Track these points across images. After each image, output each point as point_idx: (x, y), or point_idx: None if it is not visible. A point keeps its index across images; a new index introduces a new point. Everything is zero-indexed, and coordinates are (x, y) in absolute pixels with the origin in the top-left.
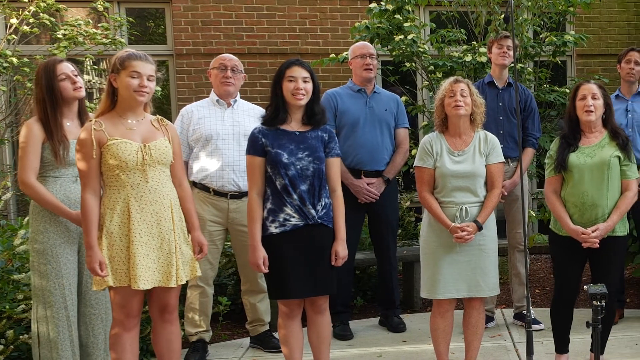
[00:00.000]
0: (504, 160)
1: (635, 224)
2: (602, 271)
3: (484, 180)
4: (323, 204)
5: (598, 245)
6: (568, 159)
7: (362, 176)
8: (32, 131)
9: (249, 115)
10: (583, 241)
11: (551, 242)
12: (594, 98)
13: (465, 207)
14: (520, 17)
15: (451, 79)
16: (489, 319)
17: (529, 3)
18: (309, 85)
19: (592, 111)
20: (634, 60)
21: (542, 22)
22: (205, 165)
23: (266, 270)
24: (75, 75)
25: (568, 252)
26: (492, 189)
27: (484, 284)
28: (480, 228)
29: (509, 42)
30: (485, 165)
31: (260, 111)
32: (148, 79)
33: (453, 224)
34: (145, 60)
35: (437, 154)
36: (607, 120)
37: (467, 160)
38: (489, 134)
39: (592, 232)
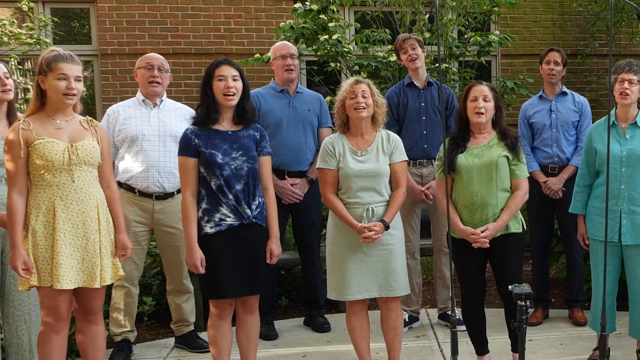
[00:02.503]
0: (407, 159)
1: (559, 225)
2: (501, 269)
3: (389, 180)
4: (257, 203)
5: (488, 245)
6: (456, 160)
7: (286, 177)
8: None
9: (175, 115)
10: (473, 241)
11: (450, 244)
12: (485, 100)
13: (371, 207)
14: (445, 17)
15: (352, 79)
16: (414, 319)
17: (454, 3)
18: (239, 84)
19: (482, 113)
20: (553, 61)
21: (467, 22)
22: (130, 166)
23: (204, 271)
24: (7, 78)
25: (466, 254)
26: (397, 188)
27: (394, 284)
28: (387, 227)
29: (412, 42)
30: (390, 164)
31: (187, 110)
32: (75, 80)
33: (360, 224)
34: (72, 61)
35: (340, 155)
36: (497, 121)
37: (370, 160)
38: (391, 133)
39: (482, 232)
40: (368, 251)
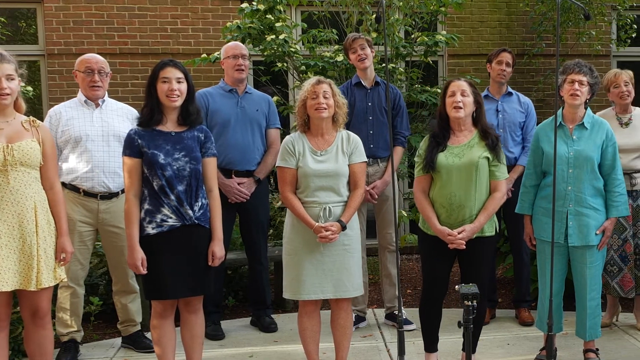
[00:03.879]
0: (366, 160)
1: (506, 225)
2: (471, 271)
3: (347, 180)
4: (200, 204)
5: (464, 247)
6: (437, 159)
7: (233, 176)
8: None
9: (118, 115)
10: (449, 242)
11: (420, 240)
12: (463, 95)
13: (329, 207)
14: (392, 17)
15: (313, 79)
16: (361, 319)
17: (401, 3)
18: (183, 86)
19: (460, 107)
20: (505, 62)
21: (414, 22)
22: (74, 166)
23: (145, 272)
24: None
25: (436, 252)
26: (355, 189)
27: (349, 284)
28: (344, 228)
29: (361, 42)
30: (349, 165)
31: (129, 110)
32: (7, 79)
33: (317, 223)
34: (2, 60)
35: (300, 154)
36: (477, 118)
37: (330, 160)
38: (352, 134)
39: (459, 233)
40: (324, 251)
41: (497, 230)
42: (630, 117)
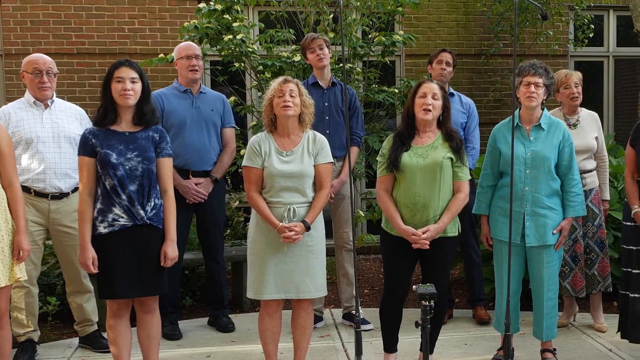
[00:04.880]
0: (332, 160)
1: (461, 225)
2: (432, 271)
3: (313, 181)
4: (153, 204)
5: (428, 247)
6: (401, 158)
7: (190, 176)
8: None
9: (67, 116)
10: (413, 242)
11: (382, 240)
12: (434, 98)
13: (293, 208)
14: (349, 17)
15: (280, 78)
16: (318, 319)
17: (358, 3)
18: (138, 86)
19: (430, 110)
20: (445, 61)
21: (371, 22)
22: (26, 167)
23: (95, 271)
24: None
25: (399, 252)
26: (320, 189)
27: (311, 285)
28: (308, 228)
29: (320, 42)
30: (314, 166)
31: (78, 110)
32: None
33: (281, 223)
34: None
35: (266, 154)
36: (443, 122)
37: (295, 160)
38: (318, 134)
39: (423, 233)
40: (288, 251)
41: (460, 231)
42: (577, 119)
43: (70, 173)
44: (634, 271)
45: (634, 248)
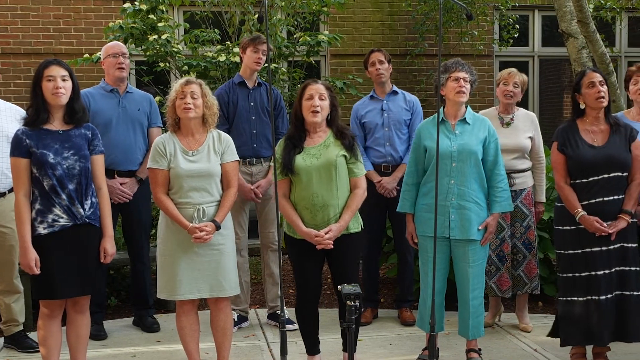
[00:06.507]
0: (238, 158)
1: (392, 225)
2: (341, 269)
3: (220, 179)
4: (90, 202)
5: (332, 246)
6: (294, 161)
7: (116, 176)
8: None
9: (6, 116)
10: (317, 243)
11: (288, 245)
12: (320, 98)
13: (203, 207)
14: (274, 17)
15: (182, 80)
16: (243, 319)
17: (283, 3)
18: (68, 84)
19: (318, 112)
20: (377, 61)
21: (296, 22)
22: None
23: (38, 272)
24: None
25: (305, 254)
26: (228, 188)
27: (225, 284)
28: (218, 227)
29: (265, 48)
30: (221, 164)
31: (17, 110)
32: None
33: (191, 224)
34: None
35: (171, 155)
36: (332, 120)
37: (202, 160)
38: (222, 133)
39: (326, 233)
40: (199, 251)
41: (362, 227)
42: (512, 118)
43: (7, 172)
44: (581, 274)
45: (579, 251)
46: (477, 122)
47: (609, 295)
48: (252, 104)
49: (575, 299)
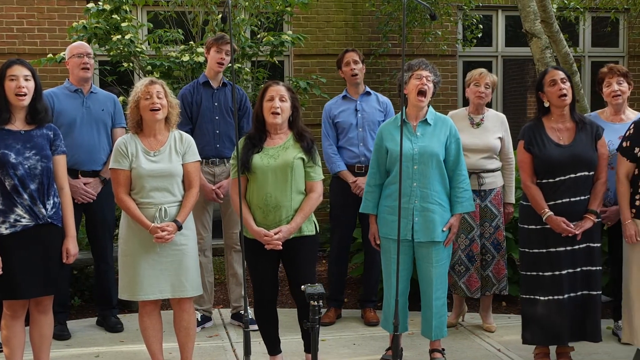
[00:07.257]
0: (199, 159)
1: (361, 225)
2: (294, 271)
3: (182, 180)
4: (52, 202)
5: (281, 247)
6: (251, 160)
7: (80, 176)
8: None
9: None
10: (266, 243)
11: (243, 244)
12: (281, 100)
13: (164, 207)
14: (238, 17)
15: (146, 80)
16: (207, 319)
17: (246, 3)
18: (31, 84)
19: (278, 113)
20: (352, 61)
21: (260, 22)
22: None
23: (0, 272)
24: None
25: (258, 254)
26: (189, 188)
27: (187, 284)
28: (180, 227)
29: (229, 48)
30: (183, 165)
31: None
32: None
33: (153, 224)
34: None
35: (133, 155)
36: (293, 122)
37: (163, 160)
38: (184, 134)
39: (275, 234)
40: (161, 251)
41: (318, 230)
42: (482, 118)
43: None
44: (545, 274)
45: (544, 251)
46: (439, 122)
47: (572, 294)
48: (216, 104)
49: (538, 297)
